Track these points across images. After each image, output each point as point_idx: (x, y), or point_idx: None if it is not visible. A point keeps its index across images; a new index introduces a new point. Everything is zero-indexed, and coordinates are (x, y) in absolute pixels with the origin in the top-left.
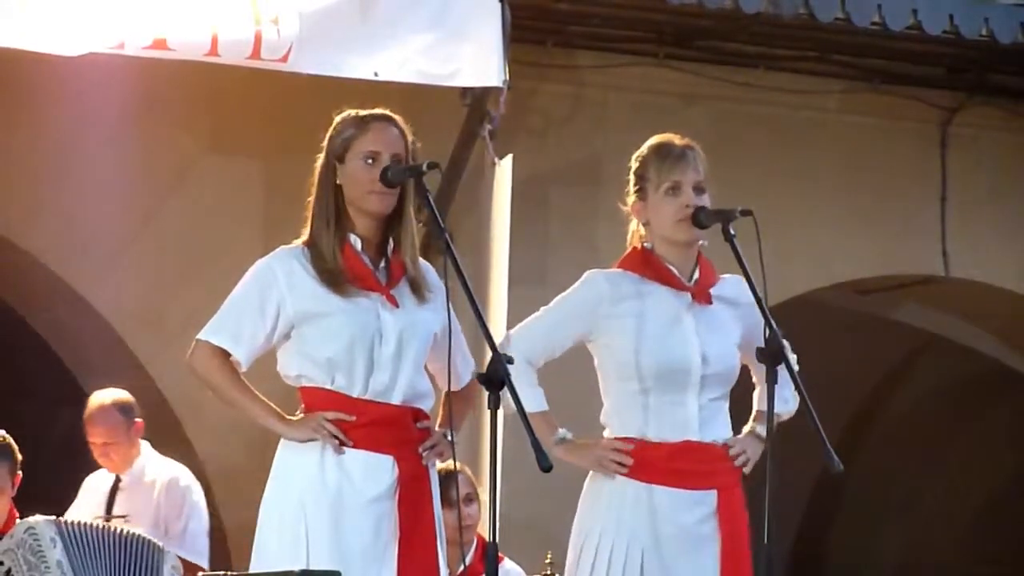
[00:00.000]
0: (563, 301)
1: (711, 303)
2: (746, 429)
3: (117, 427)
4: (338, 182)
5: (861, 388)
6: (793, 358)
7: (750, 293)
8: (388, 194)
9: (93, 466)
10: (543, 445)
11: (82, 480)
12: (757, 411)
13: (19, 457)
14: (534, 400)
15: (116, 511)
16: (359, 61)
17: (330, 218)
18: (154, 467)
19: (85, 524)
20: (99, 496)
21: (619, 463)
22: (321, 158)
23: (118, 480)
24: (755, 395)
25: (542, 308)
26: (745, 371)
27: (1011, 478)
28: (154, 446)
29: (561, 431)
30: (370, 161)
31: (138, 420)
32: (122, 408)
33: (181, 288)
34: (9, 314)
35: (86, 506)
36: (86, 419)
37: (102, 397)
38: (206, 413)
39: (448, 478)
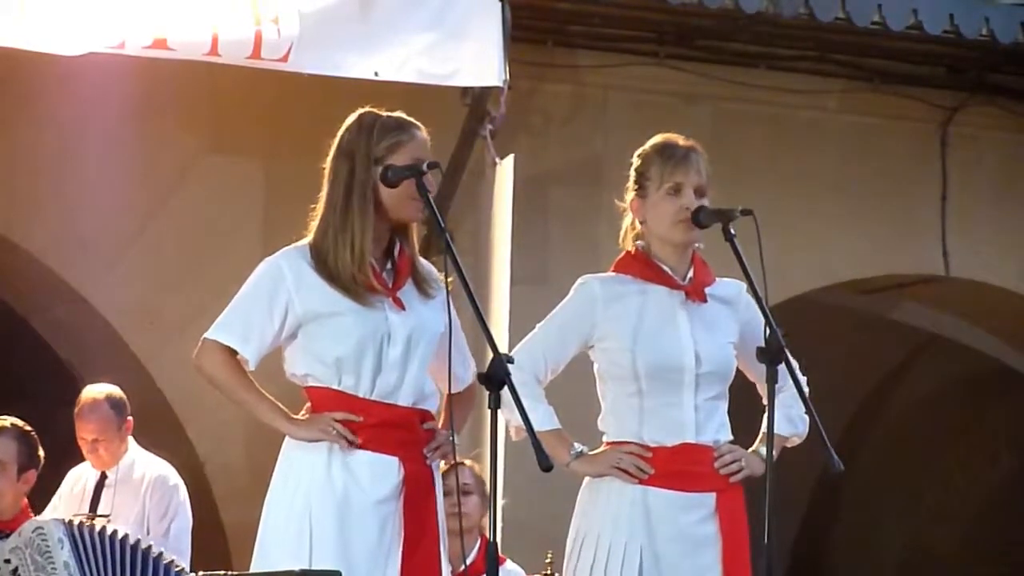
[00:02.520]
0: (560, 312)
1: (705, 301)
2: (752, 448)
3: (108, 423)
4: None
5: (861, 388)
6: (793, 363)
7: (748, 298)
8: (421, 202)
9: None
10: (560, 463)
11: None
12: (764, 433)
13: (40, 453)
14: (546, 418)
15: (101, 509)
16: (359, 61)
17: (367, 223)
18: (142, 464)
19: (96, 528)
20: (83, 492)
21: (639, 468)
22: (345, 158)
23: (104, 476)
24: (764, 417)
25: (539, 325)
26: (744, 376)
27: (1011, 478)
28: (154, 446)
29: (576, 446)
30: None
31: (129, 418)
32: (114, 404)
33: (181, 288)
34: (9, 314)
35: (69, 500)
36: (76, 414)
37: (94, 392)
38: (206, 413)
39: (450, 470)
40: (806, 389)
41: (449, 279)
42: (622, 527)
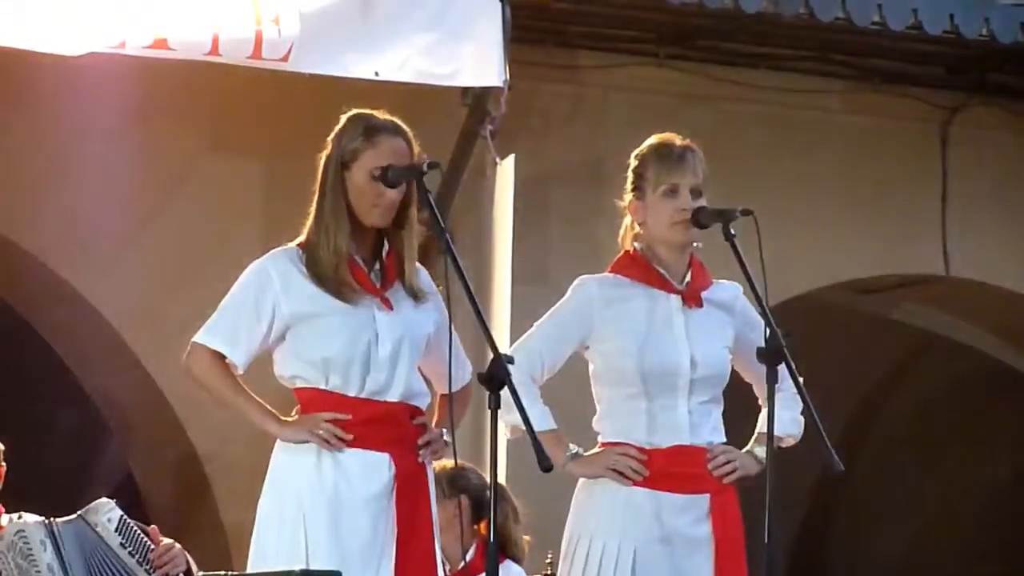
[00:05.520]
0: (557, 312)
1: (702, 306)
2: (746, 448)
3: None
4: (347, 189)
5: (861, 388)
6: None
7: (744, 301)
8: (389, 210)
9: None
10: (555, 464)
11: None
12: (759, 433)
13: None
14: (542, 419)
15: None
16: (360, 61)
17: (340, 223)
18: None
19: (76, 524)
20: None
21: (633, 470)
22: (324, 158)
23: None
24: (760, 417)
25: (536, 324)
26: (737, 377)
27: (1011, 478)
28: (154, 445)
29: (572, 447)
30: (376, 176)
31: None
32: None
33: (181, 288)
34: (9, 314)
35: None
36: None
37: None
38: (206, 413)
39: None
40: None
41: (439, 286)
42: (616, 528)
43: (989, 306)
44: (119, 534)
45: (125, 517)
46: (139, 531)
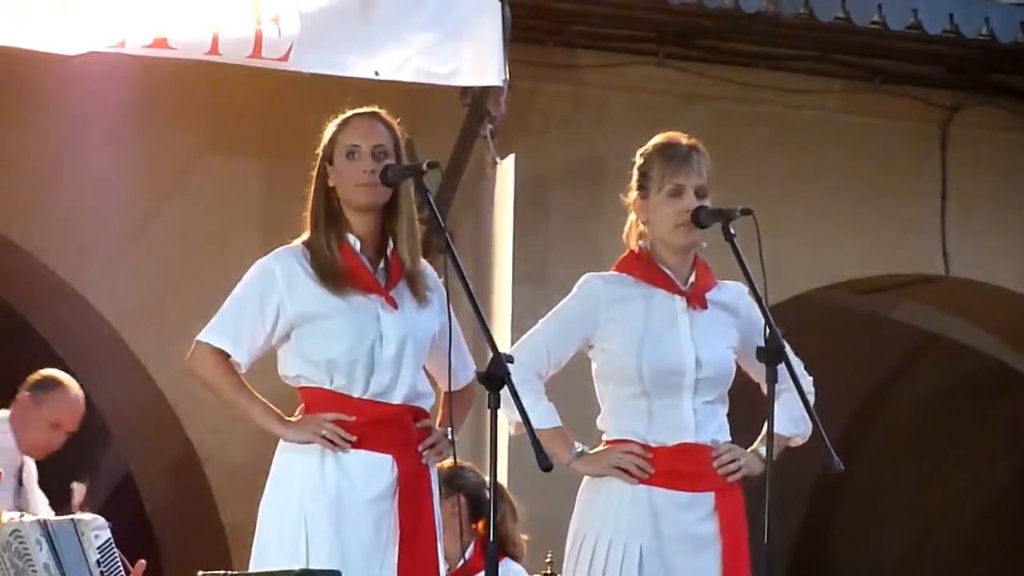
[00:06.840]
0: (563, 309)
1: (706, 307)
2: (751, 447)
3: None
4: (331, 184)
5: (861, 388)
6: (797, 362)
7: (749, 300)
8: (376, 186)
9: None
10: (560, 462)
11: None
12: (765, 434)
13: None
14: (547, 416)
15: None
16: (359, 60)
17: (319, 219)
18: None
19: (67, 526)
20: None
21: (639, 467)
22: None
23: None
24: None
25: (540, 321)
26: (745, 377)
27: (1011, 478)
28: (154, 445)
29: (577, 445)
30: (352, 155)
31: None
32: None
33: (181, 288)
34: (9, 314)
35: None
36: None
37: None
38: (206, 412)
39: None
40: (811, 389)
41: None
42: (622, 526)
43: (989, 306)
44: (99, 552)
45: (112, 541)
46: (119, 560)
